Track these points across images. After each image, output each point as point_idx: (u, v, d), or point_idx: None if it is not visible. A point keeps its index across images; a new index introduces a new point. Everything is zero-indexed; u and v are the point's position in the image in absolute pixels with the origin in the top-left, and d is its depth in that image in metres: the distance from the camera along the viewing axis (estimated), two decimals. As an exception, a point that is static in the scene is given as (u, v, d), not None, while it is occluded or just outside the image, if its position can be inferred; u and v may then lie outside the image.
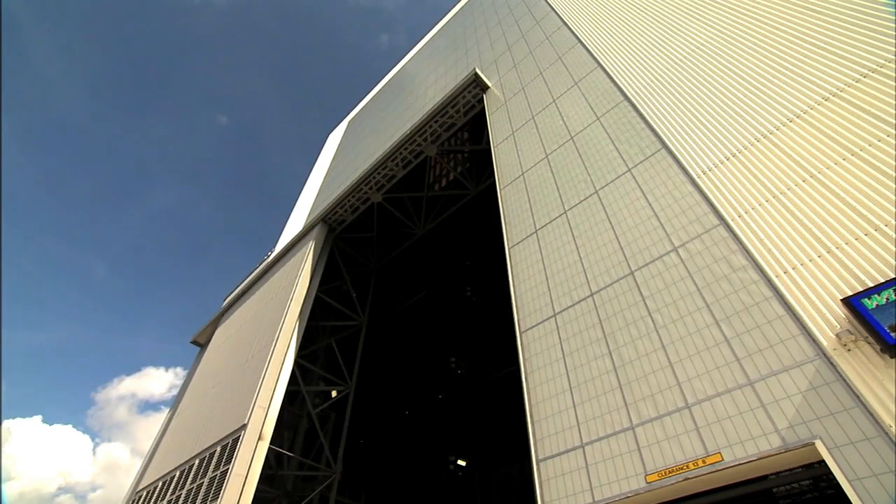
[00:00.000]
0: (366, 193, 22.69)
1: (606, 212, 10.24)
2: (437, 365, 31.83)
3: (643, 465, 6.62)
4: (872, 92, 7.39)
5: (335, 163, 36.22)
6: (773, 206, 7.49)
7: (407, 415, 30.85)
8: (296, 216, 34.07)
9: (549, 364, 9.04)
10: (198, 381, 22.15)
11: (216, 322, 26.43)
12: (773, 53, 9.50)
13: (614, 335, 8.28)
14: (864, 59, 7.86)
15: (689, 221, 8.49)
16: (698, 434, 6.34)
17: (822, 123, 7.70)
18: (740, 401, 6.20)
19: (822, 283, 6.31)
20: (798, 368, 5.95)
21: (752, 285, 6.98)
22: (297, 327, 17.92)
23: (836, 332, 5.83)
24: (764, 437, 5.78)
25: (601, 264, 9.51)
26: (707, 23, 11.73)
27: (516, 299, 10.90)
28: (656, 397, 7.06)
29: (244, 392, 15.78)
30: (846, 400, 5.41)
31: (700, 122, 9.78)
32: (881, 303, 5.44)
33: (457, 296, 29.58)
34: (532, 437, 8.35)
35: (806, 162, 7.51)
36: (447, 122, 20.79)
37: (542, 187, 12.64)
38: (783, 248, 6.98)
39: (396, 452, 28.38)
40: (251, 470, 13.36)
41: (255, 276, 25.97)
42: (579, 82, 14.48)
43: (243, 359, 18.36)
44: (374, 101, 42.26)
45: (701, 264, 7.80)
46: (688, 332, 7.28)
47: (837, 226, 6.59)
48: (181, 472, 15.91)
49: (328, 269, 22.66)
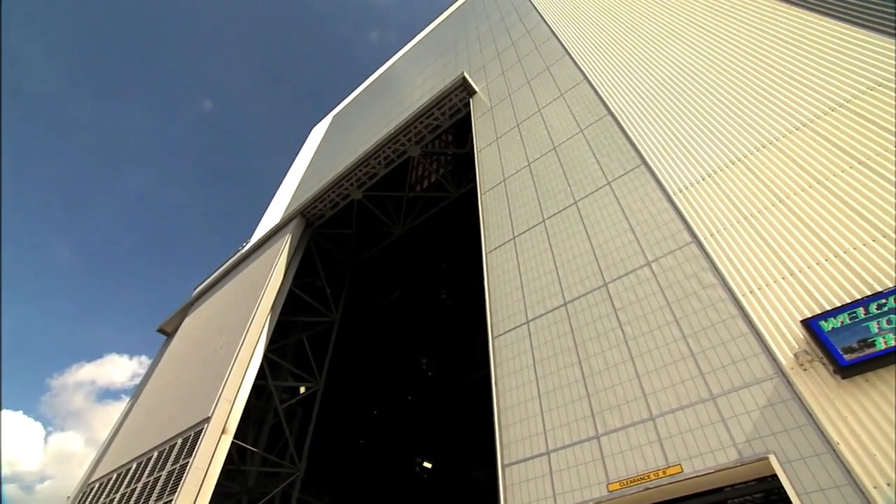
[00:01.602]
0: (346, 189, 22.51)
1: (584, 223, 10.41)
2: (408, 366, 31.74)
3: (606, 473, 6.75)
4: (840, 126, 7.72)
5: (317, 157, 35.82)
6: (743, 228, 7.74)
7: (375, 414, 30.66)
8: (274, 208, 33.55)
9: (520, 370, 9.12)
10: (162, 370, 21.54)
11: (185, 311, 25.77)
12: (749, 81, 9.83)
13: (585, 345, 8.41)
14: (835, 93, 8.21)
15: (664, 237, 8.70)
16: (661, 445, 6.50)
17: (792, 151, 8.01)
18: (702, 414, 6.39)
19: (784, 304, 6.55)
20: (758, 385, 6.16)
21: (720, 303, 7.20)
22: (268, 321, 17.62)
23: (794, 351, 6.07)
24: (722, 451, 5.97)
25: (576, 274, 9.65)
26: (690, 46, 12.06)
27: (490, 304, 10.97)
28: (622, 408, 7.20)
29: (210, 384, 15.41)
30: (800, 417, 5.64)
31: (679, 142, 10.05)
32: (836, 326, 5.70)
33: (431, 298, 29.57)
34: (499, 442, 8.40)
35: (775, 187, 7.80)
36: (432, 124, 20.81)
37: (523, 195, 12.77)
38: (750, 268, 7.22)
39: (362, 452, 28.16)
40: (212, 464, 13.05)
41: (228, 267, 25.43)
42: (565, 94, 14.69)
43: (211, 350, 17.94)
44: (360, 98, 41.98)
45: (672, 280, 8.01)
46: (656, 346, 7.46)
47: (801, 250, 6.86)
48: (138, 465, 15.42)
49: (303, 264, 22.36)
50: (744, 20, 11.28)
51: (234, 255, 28.40)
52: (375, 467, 28.32)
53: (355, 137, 30.59)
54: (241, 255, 25.26)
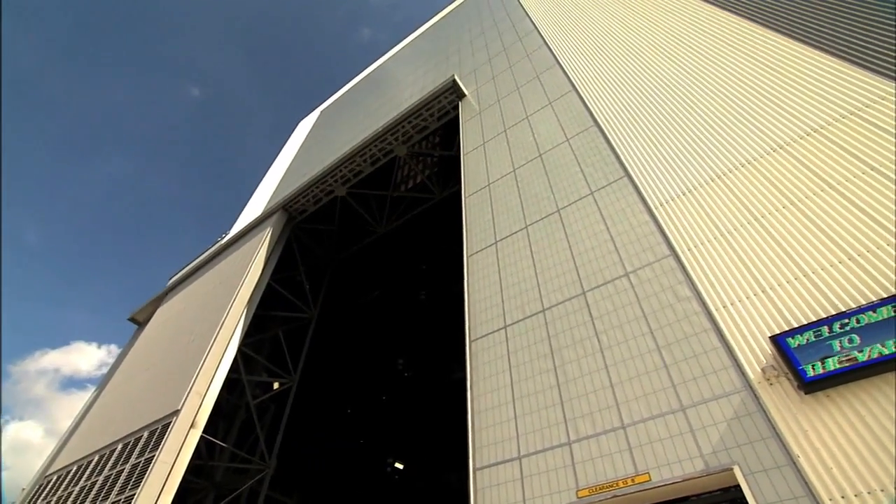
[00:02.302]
0: (331, 185, 22.34)
1: (566, 231, 10.54)
2: (385, 366, 31.61)
3: (576, 480, 6.83)
4: (813, 150, 8.00)
5: (303, 151, 35.47)
6: (720, 243, 7.94)
7: (349, 413, 30.43)
8: (256, 200, 33.09)
9: (496, 374, 9.17)
10: (131, 360, 20.99)
11: (159, 300, 25.17)
12: (731, 101, 10.10)
13: (561, 352, 8.51)
14: (810, 118, 8.51)
15: (643, 249, 8.87)
16: (630, 454, 6.61)
17: (769, 172, 8.26)
18: (672, 425, 6.53)
19: (754, 320, 6.75)
20: (726, 398, 6.32)
21: (694, 316, 7.37)
22: (244, 314, 17.34)
23: (762, 366, 6.25)
24: (689, 461, 6.11)
25: (555, 281, 9.76)
26: (678, 64, 12.34)
27: (469, 308, 11.01)
28: (595, 416, 7.31)
29: (181, 376, 15.07)
30: (764, 430, 5.81)
31: (661, 156, 10.26)
32: (802, 343, 5.91)
33: (411, 298, 29.51)
34: (471, 446, 8.43)
35: (751, 205, 8.03)
36: (420, 125, 20.82)
37: (507, 200, 12.87)
38: (724, 283, 7.42)
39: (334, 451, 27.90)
40: (179, 458, 12.75)
41: (206, 258, 24.93)
42: (553, 102, 14.87)
43: (184, 341, 17.55)
44: (349, 94, 41.73)
45: (649, 291, 8.17)
46: (630, 356, 7.59)
47: (773, 267, 7.08)
48: (101, 457, 14.97)
49: (283, 258, 22.09)
50: (730, 43, 11.60)
51: (212, 246, 27.88)
52: (347, 467, 28.10)
53: (342, 134, 30.38)
54: (219, 246, 24.80)
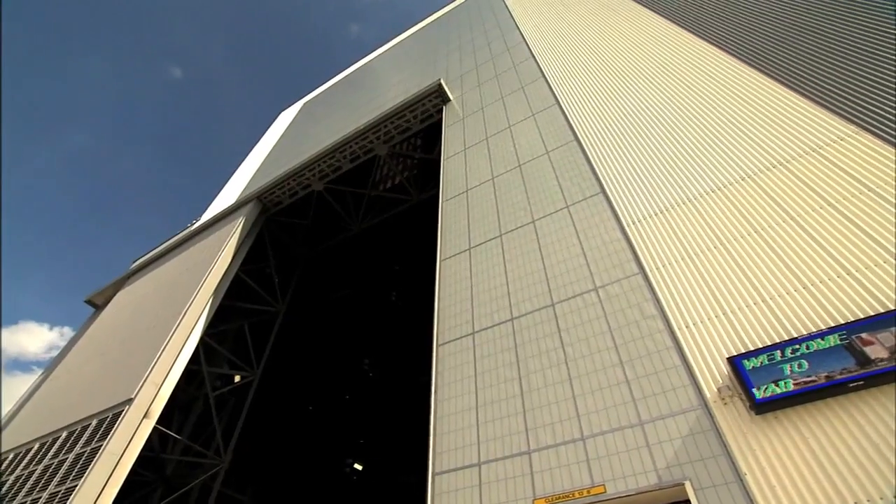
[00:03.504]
0: (308, 180, 22.06)
1: (539, 242, 10.68)
2: (350, 365, 31.29)
3: (533, 489, 6.90)
4: (778, 182, 8.36)
5: (282, 142, 34.90)
6: (686, 265, 8.19)
7: (310, 410, 29.95)
8: (230, 189, 32.35)
9: (461, 380, 9.19)
10: (85, 344, 20.14)
11: (120, 284, 24.25)
12: (705, 129, 10.46)
13: (527, 361, 8.60)
14: (777, 152, 8.89)
15: (613, 265, 9.07)
16: (588, 465, 6.72)
17: (735, 199, 8.58)
18: (629, 439, 6.67)
19: (714, 341, 6.97)
20: (683, 415, 6.51)
21: (658, 334, 7.57)
22: (210, 303, 16.89)
23: (718, 386, 6.47)
24: (644, 475, 6.25)
25: (526, 291, 9.87)
26: (658, 88, 12.70)
27: (439, 312, 11.01)
28: (556, 426, 7.41)
29: (137, 363, 14.51)
30: (715, 447, 6.01)
31: (637, 176, 10.53)
32: (756, 365, 6.14)
33: (381, 299, 29.35)
34: (432, 450, 8.41)
35: (718, 230, 8.32)
36: (403, 126, 20.79)
37: (483, 207, 12.96)
38: (688, 303, 7.65)
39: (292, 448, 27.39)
40: (129, 449, 12.25)
41: (173, 243, 24.18)
42: (536, 114, 15.08)
43: (143, 327, 16.95)
44: (333, 89, 41.32)
45: (616, 307, 8.35)
46: (594, 369, 7.73)
47: (734, 291, 7.34)
48: (42, 445, 14.24)
49: (254, 250, 21.65)
50: (707, 73, 12.01)
51: (181, 232, 27.12)
52: (304, 464, 27.60)
53: (323, 128, 30.03)
54: (188, 232, 24.11)
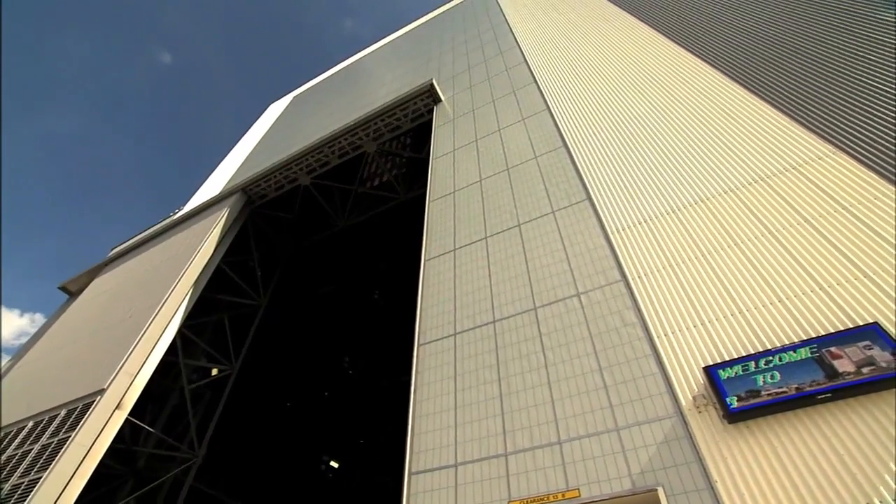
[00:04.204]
0: (295, 173, 21.85)
1: (524, 246, 10.74)
2: (330, 362, 31.06)
3: (509, 491, 6.92)
4: (759, 197, 8.54)
5: (270, 135, 34.54)
6: (668, 274, 8.31)
7: (288, 407, 29.65)
8: (214, 179, 31.92)
9: (440, 381, 9.19)
10: (57, 331, 19.62)
11: (96, 271, 23.67)
12: (691, 141, 10.64)
13: (507, 364, 8.63)
14: (759, 167, 9.08)
15: (596, 272, 9.16)
16: (563, 469, 6.77)
17: (718, 212, 8.74)
18: (605, 444, 6.74)
19: (691, 350, 7.09)
20: (658, 422, 6.60)
21: (637, 341, 7.66)
22: (190, 294, 16.58)
23: (693, 394, 6.57)
24: (618, 480, 6.32)
25: (509, 294, 9.91)
26: (647, 99, 12.87)
27: (421, 311, 11.00)
28: (533, 429, 7.44)
29: (112, 353, 14.16)
30: (689, 455, 6.11)
31: (623, 184, 10.66)
32: (731, 375, 6.26)
33: (364, 297, 29.21)
34: (409, 450, 8.39)
35: (699, 241, 8.46)
36: (393, 124, 20.73)
37: (470, 209, 12.98)
38: (668, 312, 7.76)
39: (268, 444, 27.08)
40: (98, 441, 11.91)
41: (154, 231, 23.71)
42: (526, 119, 15.16)
43: (119, 316, 16.56)
44: (324, 84, 41.03)
45: (598, 313, 8.43)
46: (574, 374, 7.79)
47: (713, 302, 7.47)
48: (6, 434, 13.81)
49: (237, 242, 21.34)
50: (695, 87, 12.21)
51: (163, 221, 26.67)
52: (280, 461, 27.30)
53: (313, 122, 29.81)
54: (171, 221, 23.67)
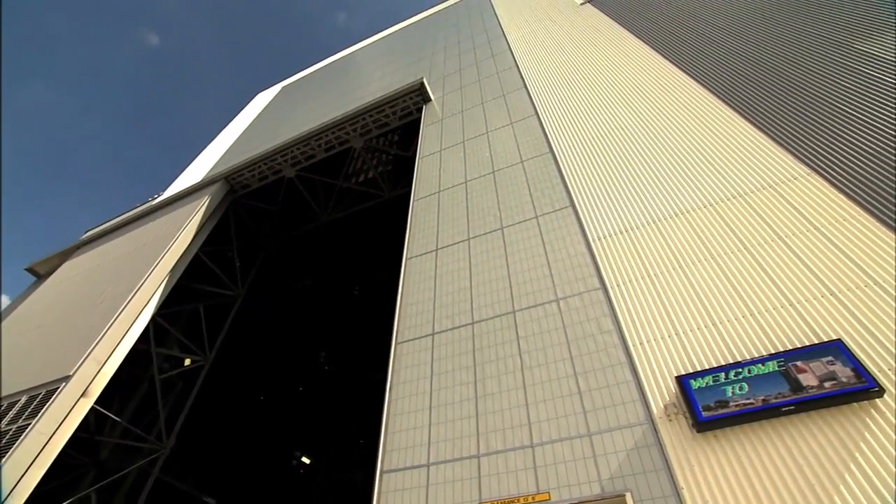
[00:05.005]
0: (279, 165, 21.58)
1: (506, 249, 10.79)
2: (306, 357, 30.75)
3: (479, 493, 6.94)
4: (736, 212, 8.76)
5: (256, 124, 34.05)
6: (645, 284, 8.44)
7: (261, 400, 29.25)
8: (197, 166, 31.28)
9: (416, 380, 9.17)
10: (21, 314, 18.98)
11: (67, 254, 22.96)
12: (674, 154, 10.85)
13: (483, 366, 8.66)
14: (738, 184, 9.30)
15: (576, 278, 9.25)
16: (535, 472, 6.82)
17: (695, 225, 8.93)
18: (577, 449, 6.81)
19: (665, 359, 7.21)
20: (629, 429, 6.69)
21: (612, 349, 7.76)
22: (165, 282, 16.21)
23: (665, 403, 6.69)
24: (588, 485, 6.39)
25: (488, 297, 9.94)
26: (633, 111, 13.08)
27: (400, 310, 10.96)
28: (507, 432, 7.48)
29: (79, 338, 13.73)
30: (657, 462, 6.21)
31: (606, 194, 10.80)
32: (702, 385, 6.39)
33: (343, 293, 29.01)
34: (382, 448, 8.35)
35: (677, 253, 8.62)
36: (381, 120, 20.64)
37: (454, 210, 13.00)
38: (644, 322, 7.88)
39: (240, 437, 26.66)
40: (61, 430, 11.50)
41: (131, 216, 23.11)
42: (514, 123, 15.25)
43: (89, 301, 16.09)
44: (314, 76, 40.64)
45: (576, 319, 8.51)
46: (549, 378, 7.85)
47: (688, 313, 7.62)
48: (-40, 420, 13.32)
49: (217, 231, 20.95)
50: (681, 102, 12.46)
51: (141, 205, 26.07)
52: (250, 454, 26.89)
53: (300, 114, 29.50)
54: (149, 206, 23.10)
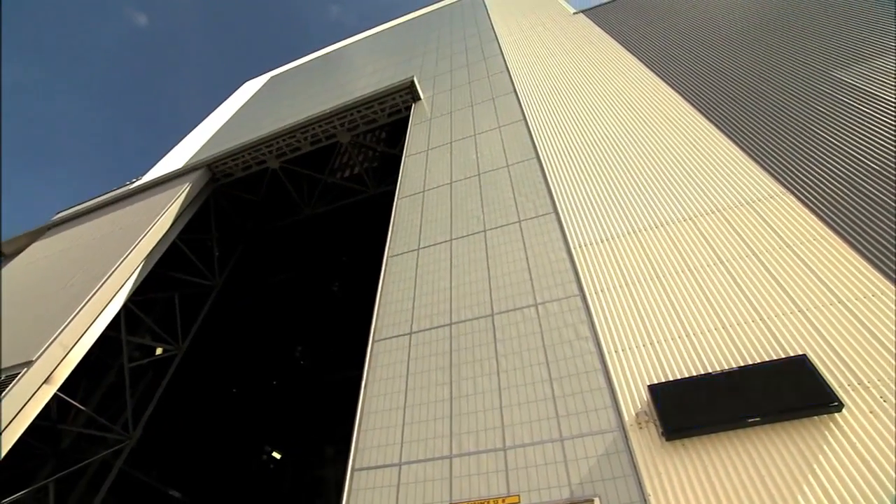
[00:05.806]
0: (264, 155, 21.27)
1: (488, 252, 10.82)
2: (281, 351, 30.37)
3: (450, 494, 6.94)
4: (714, 227, 8.96)
5: (242, 113, 33.52)
6: (623, 292, 8.56)
7: (234, 393, 28.78)
8: (178, 152, 30.62)
9: (392, 378, 9.13)
10: (-18, 296, 18.33)
11: (36, 234, 22.22)
12: (658, 167, 11.04)
13: (460, 368, 8.67)
14: (717, 199, 9.52)
15: (555, 284, 9.33)
16: (506, 475, 6.85)
17: (675, 237, 9.10)
18: (549, 453, 6.86)
19: (638, 368, 7.32)
20: (601, 435, 6.77)
21: (588, 355, 7.85)
22: (140, 268, 15.79)
23: (636, 411, 6.79)
24: (558, 489, 6.44)
25: (468, 299, 9.96)
26: (620, 123, 13.27)
27: (379, 308, 10.90)
28: (480, 434, 7.50)
29: (45, 323, 13.28)
30: (626, 468, 6.30)
31: (589, 202, 10.92)
32: (673, 395, 6.50)
33: (322, 288, 28.76)
34: (354, 445, 8.29)
35: (655, 264, 8.77)
36: (369, 116, 20.52)
37: (438, 210, 12.99)
38: (620, 330, 7.99)
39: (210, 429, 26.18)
40: (19, 418, 11.03)
41: (107, 199, 22.45)
42: (502, 127, 15.32)
43: (57, 285, 15.58)
44: (303, 67, 40.21)
45: (553, 325, 8.58)
46: (524, 382, 7.90)
47: (662, 324, 7.75)
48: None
49: (196, 219, 20.53)
50: (665, 115, 12.69)
51: (117, 189, 25.43)
52: (219, 448, 26.43)
53: (288, 106, 29.16)
54: (126, 190, 22.52)
